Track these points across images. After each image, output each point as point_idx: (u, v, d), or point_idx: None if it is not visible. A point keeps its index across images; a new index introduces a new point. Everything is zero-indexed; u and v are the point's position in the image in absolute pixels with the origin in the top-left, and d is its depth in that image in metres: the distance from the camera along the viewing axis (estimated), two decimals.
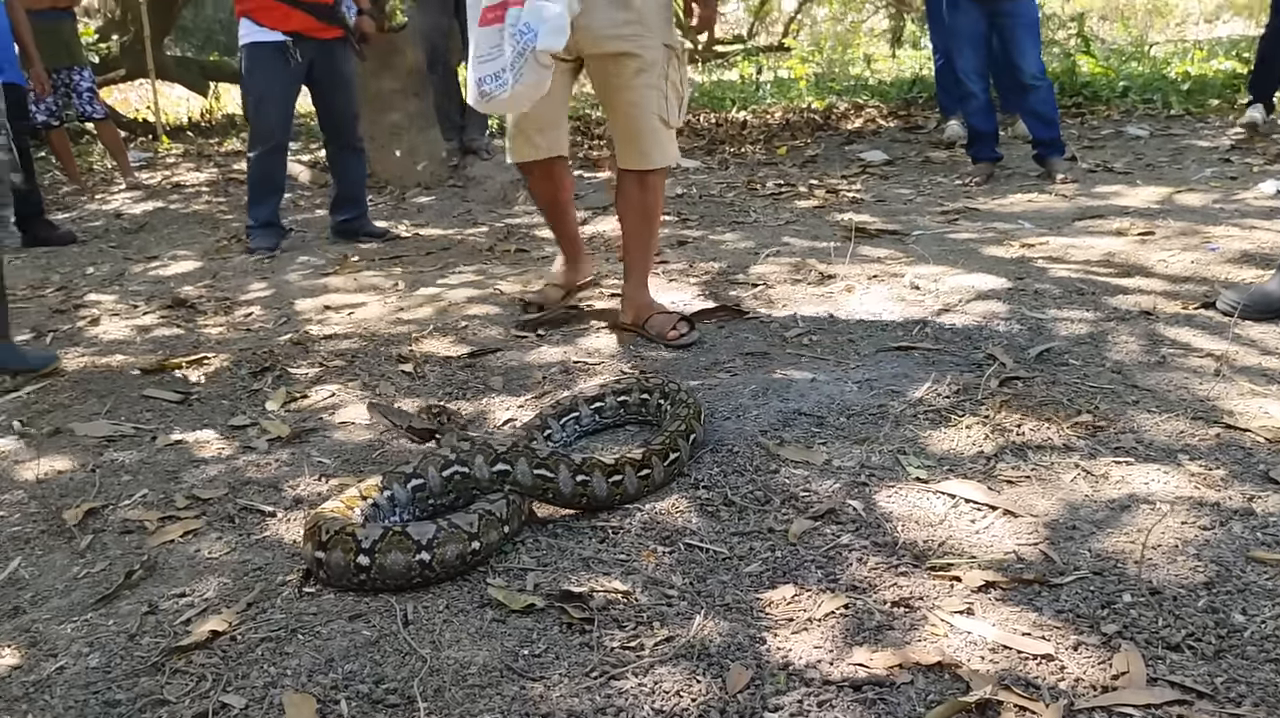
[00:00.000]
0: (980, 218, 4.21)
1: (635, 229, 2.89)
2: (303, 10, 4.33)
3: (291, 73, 4.40)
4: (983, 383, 2.28)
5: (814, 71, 12.55)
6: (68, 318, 3.61)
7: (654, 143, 2.75)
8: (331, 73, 4.50)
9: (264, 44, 4.36)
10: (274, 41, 4.34)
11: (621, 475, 1.88)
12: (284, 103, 4.52)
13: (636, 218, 2.87)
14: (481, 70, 2.44)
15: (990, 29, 5.01)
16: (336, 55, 4.50)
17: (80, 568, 1.83)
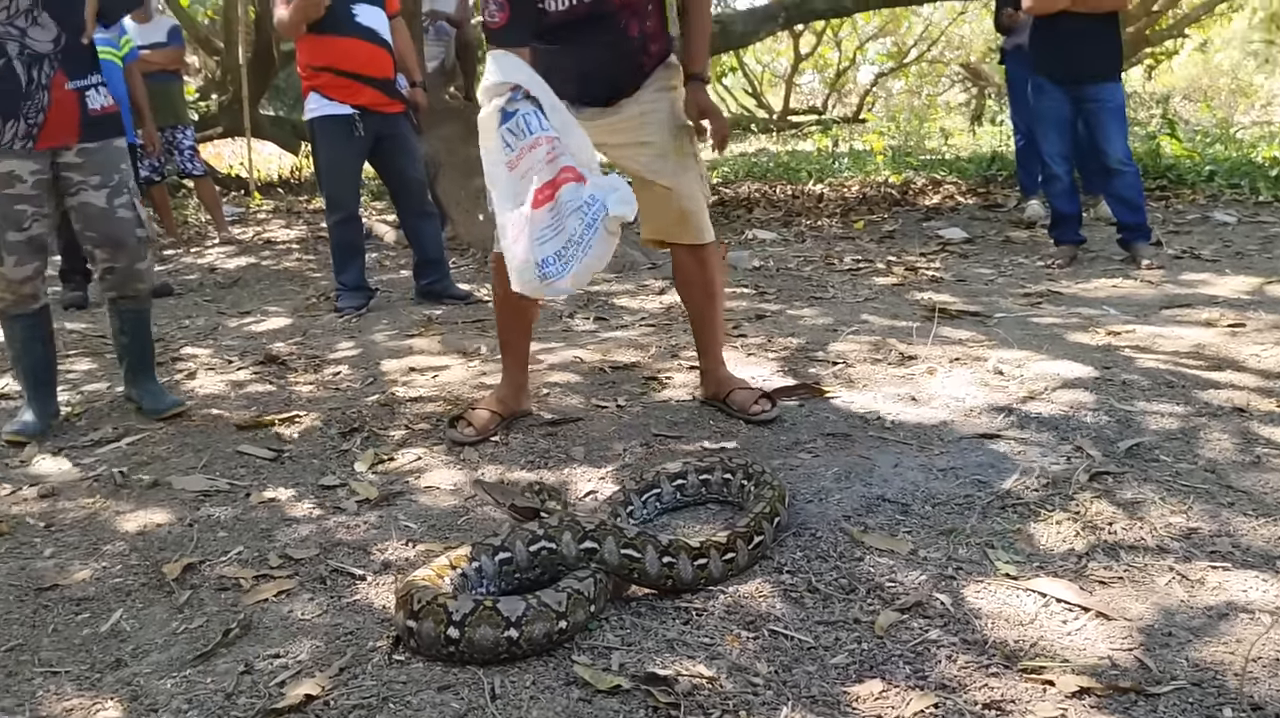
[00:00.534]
0: (1064, 302, 4.18)
1: (702, 306, 2.91)
2: (370, 86, 4.53)
3: (358, 144, 4.60)
4: (1073, 477, 2.25)
5: (890, 144, 12.61)
6: (166, 370, 3.74)
7: (703, 217, 2.79)
8: (396, 143, 4.70)
9: (332, 118, 4.55)
10: (342, 115, 4.53)
11: (706, 559, 1.89)
12: (353, 173, 4.73)
13: (701, 295, 2.89)
14: (541, 252, 2.21)
15: (1076, 113, 5.01)
16: (400, 127, 4.70)
17: (179, 623, 1.88)
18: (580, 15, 2.56)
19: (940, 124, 16.87)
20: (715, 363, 2.94)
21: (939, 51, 21.01)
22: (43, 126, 2.81)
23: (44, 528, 2.36)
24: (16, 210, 2.82)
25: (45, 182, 2.88)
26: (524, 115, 2.24)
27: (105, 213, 2.94)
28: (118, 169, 2.97)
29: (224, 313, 4.94)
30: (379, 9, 4.56)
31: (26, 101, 2.78)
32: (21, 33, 2.75)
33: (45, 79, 2.80)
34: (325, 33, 4.45)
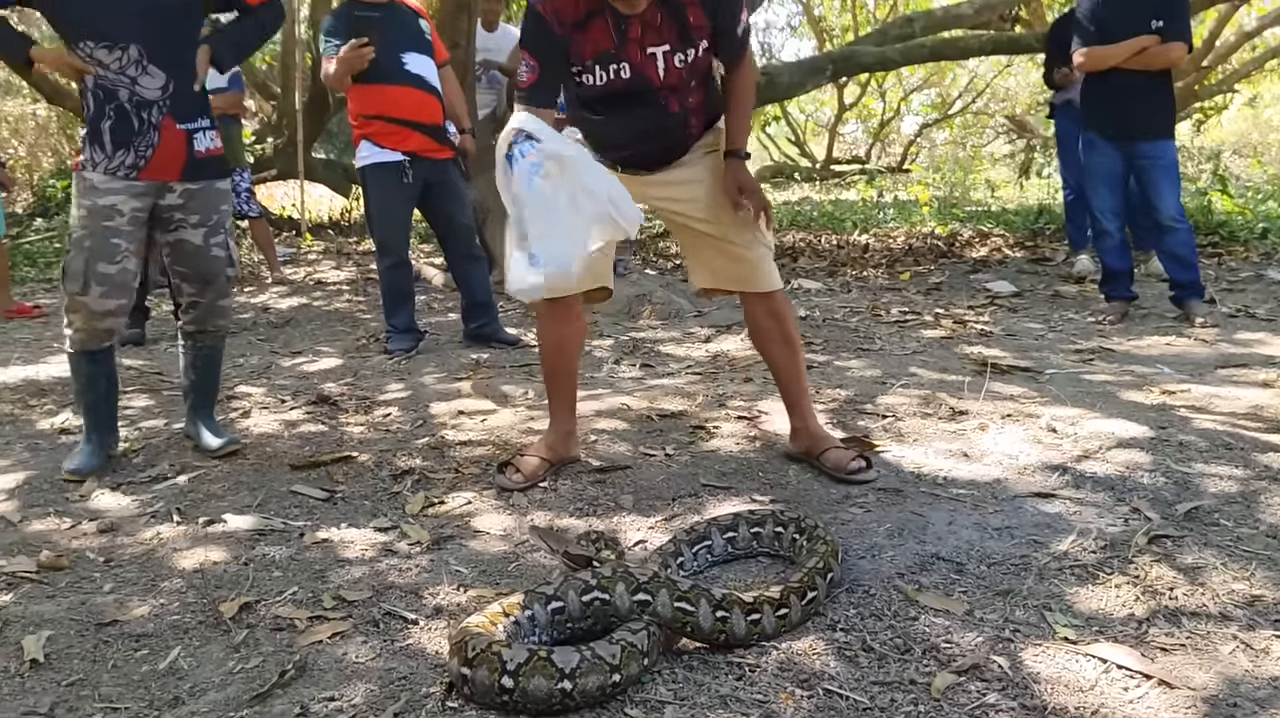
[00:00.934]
0: (1116, 359, 4.14)
1: (783, 360, 2.89)
2: (419, 132, 4.62)
3: (407, 190, 4.68)
4: (1132, 540, 2.22)
5: (935, 195, 12.61)
6: (222, 408, 3.80)
7: (765, 265, 2.79)
8: (445, 189, 4.78)
9: (383, 164, 4.64)
10: (392, 162, 4.62)
11: (760, 614, 1.88)
12: (403, 219, 4.81)
13: (781, 348, 2.88)
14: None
15: (1128, 169, 4.99)
16: (450, 173, 4.79)
17: (235, 663, 1.90)
18: (619, 90, 2.59)
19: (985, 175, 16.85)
20: (805, 418, 2.90)
21: (984, 103, 21.02)
22: (150, 160, 2.91)
23: (103, 563, 2.40)
24: (111, 244, 2.90)
25: (142, 219, 2.97)
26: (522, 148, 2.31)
27: (200, 250, 3.04)
28: (218, 209, 3.08)
29: (277, 352, 5.02)
30: (428, 57, 4.66)
31: (138, 138, 2.90)
32: (132, 80, 2.87)
33: (155, 120, 2.91)
34: (375, 82, 4.55)
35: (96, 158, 2.89)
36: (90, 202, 2.89)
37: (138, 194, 2.92)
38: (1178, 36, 4.72)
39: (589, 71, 2.56)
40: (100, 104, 2.88)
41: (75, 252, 2.90)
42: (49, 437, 3.52)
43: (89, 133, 2.90)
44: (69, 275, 2.90)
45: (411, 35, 4.62)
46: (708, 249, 2.81)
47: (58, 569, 2.35)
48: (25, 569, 2.34)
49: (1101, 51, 4.82)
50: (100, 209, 2.89)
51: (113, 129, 2.87)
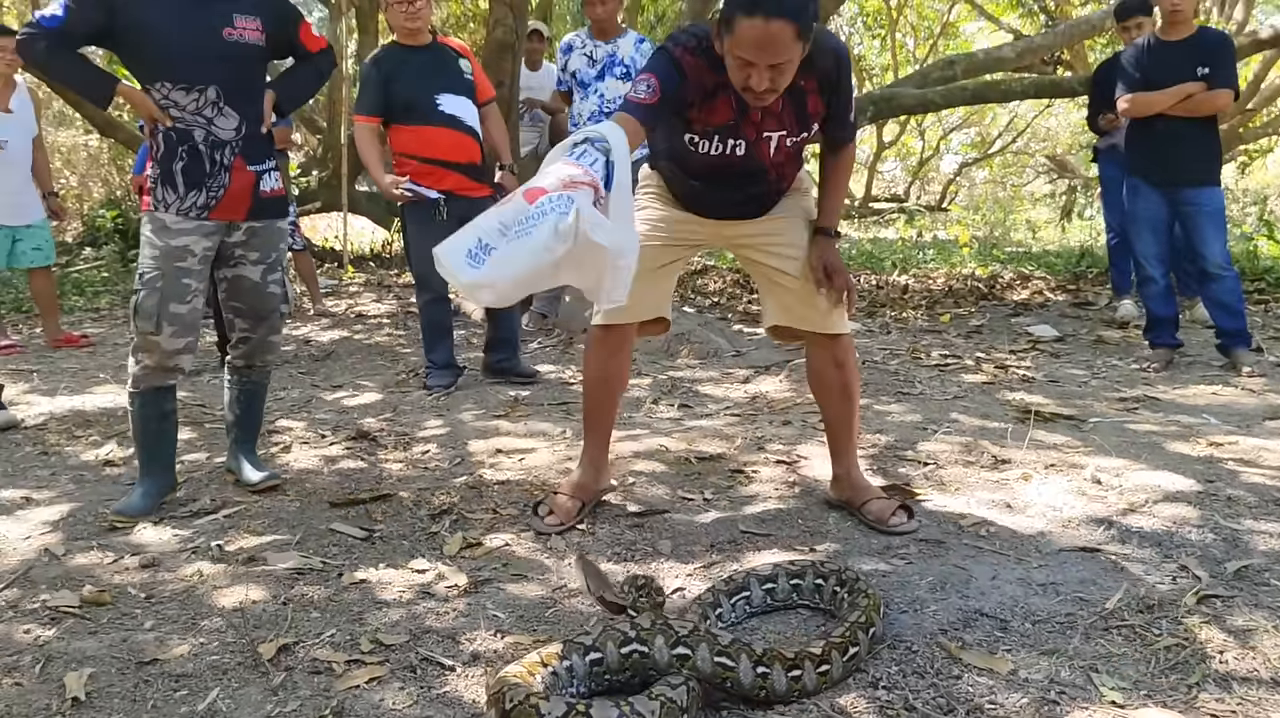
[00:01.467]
0: (1162, 408, 4.08)
1: (838, 409, 2.86)
2: (454, 171, 4.70)
3: (444, 227, 4.70)
4: (1181, 600, 2.18)
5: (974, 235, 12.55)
6: (263, 442, 3.83)
7: (840, 311, 2.75)
8: None
9: (420, 202, 4.71)
10: (429, 200, 4.70)
11: (801, 670, 1.86)
12: None
13: (839, 397, 2.85)
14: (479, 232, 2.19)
15: (1172, 215, 4.94)
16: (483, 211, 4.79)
17: (273, 706, 1.90)
18: (730, 163, 2.61)
19: (1026, 215, 16.76)
20: (850, 467, 2.88)
21: (1024, 143, 20.96)
22: (220, 200, 2.98)
23: (145, 599, 2.41)
24: (183, 284, 2.96)
25: (210, 258, 3.03)
26: (590, 154, 2.20)
27: (257, 287, 3.10)
28: (276, 248, 3.15)
29: (318, 385, 5.06)
30: (464, 98, 4.72)
31: (211, 179, 2.96)
32: (208, 121, 2.94)
33: (227, 162, 2.98)
34: (410, 123, 4.66)
35: (169, 198, 2.94)
36: (163, 243, 2.94)
37: (207, 234, 2.98)
38: (1224, 84, 4.69)
39: (705, 139, 2.57)
40: (174, 145, 2.93)
41: (147, 292, 2.94)
42: (94, 468, 3.57)
43: (161, 174, 2.95)
44: (141, 314, 2.95)
45: (449, 76, 4.70)
46: (779, 289, 2.81)
47: (100, 605, 2.37)
48: (68, 604, 2.37)
49: (1146, 98, 4.79)
50: (173, 250, 2.94)
51: (185, 170, 2.93)
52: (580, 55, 5.62)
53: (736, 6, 2.26)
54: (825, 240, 2.73)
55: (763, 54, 2.26)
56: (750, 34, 2.24)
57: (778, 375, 4.98)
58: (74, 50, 2.93)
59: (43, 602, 2.38)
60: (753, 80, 2.31)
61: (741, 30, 2.25)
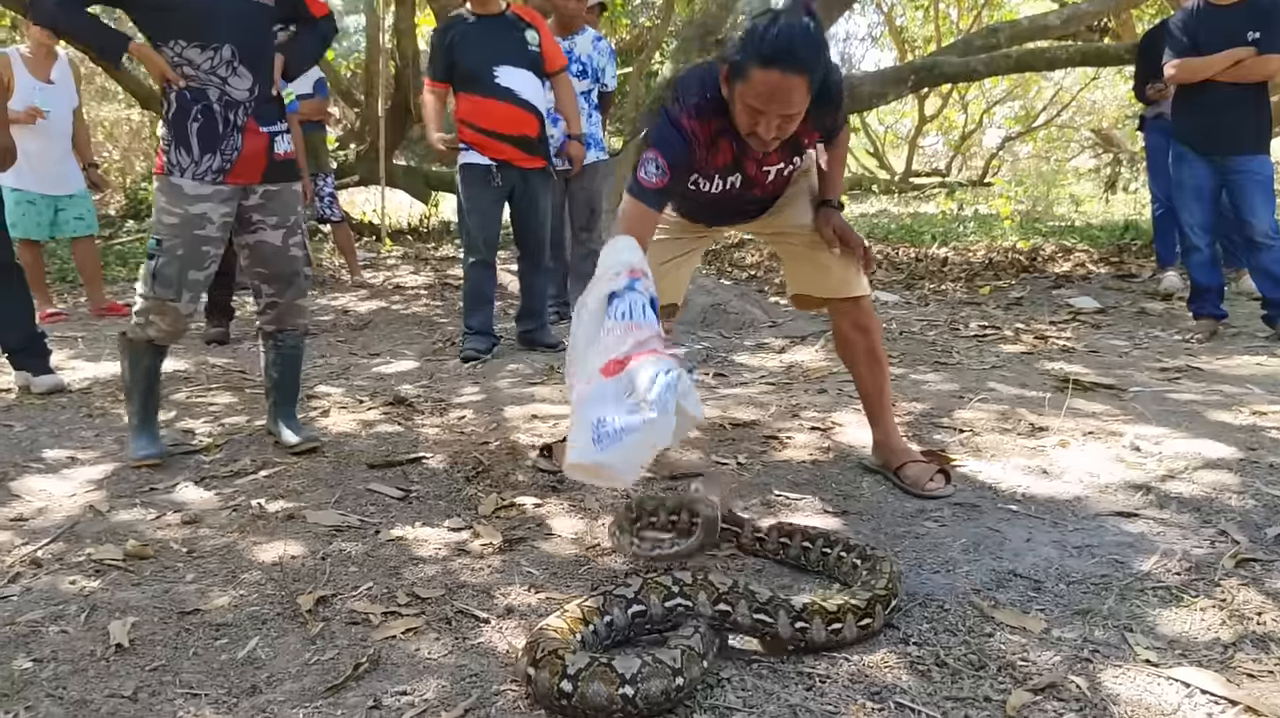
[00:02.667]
0: (1204, 378, 4.02)
1: (867, 372, 2.87)
2: (506, 143, 4.75)
3: (494, 194, 4.81)
4: (1218, 563, 2.15)
5: (1017, 209, 12.37)
6: (302, 407, 3.88)
7: (857, 273, 2.80)
8: (529, 198, 4.89)
9: (475, 166, 4.80)
10: (483, 165, 4.76)
11: (842, 624, 1.86)
12: (489, 220, 4.90)
13: (866, 360, 2.85)
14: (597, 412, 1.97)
15: (1219, 183, 4.85)
16: (535, 183, 4.88)
17: (311, 654, 1.94)
18: (729, 193, 2.65)
19: (1070, 190, 16.50)
20: (887, 432, 2.88)
21: (1069, 116, 20.60)
22: (235, 164, 3.00)
23: (186, 554, 2.46)
24: (202, 251, 3.00)
25: (229, 224, 3.06)
26: (633, 301, 2.12)
27: (279, 251, 3.13)
28: (294, 211, 3.18)
29: (356, 354, 5.11)
30: (524, 70, 4.74)
31: (225, 141, 2.98)
32: (223, 81, 2.96)
33: (240, 122, 3.00)
34: (469, 91, 4.75)
35: (183, 161, 2.96)
36: (181, 209, 2.97)
37: (224, 199, 3.01)
38: (1276, 49, 4.58)
39: (707, 179, 2.60)
40: (188, 105, 2.95)
41: (167, 259, 2.98)
42: None
43: (174, 136, 2.97)
44: (160, 282, 2.99)
45: (510, 48, 4.72)
46: (795, 258, 2.88)
47: (143, 558, 2.43)
48: (113, 558, 2.42)
49: (1195, 63, 4.69)
50: (192, 218, 2.97)
51: (200, 131, 2.95)
52: None
53: (753, 55, 2.24)
54: (829, 211, 2.77)
55: (774, 105, 2.27)
56: (765, 85, 2.24)
57: (813, 345, 4.96)
58: (84, 8, 2.96)
59: (88, 555, 2.44)
60: (760, 128, 2.33)
61: (755, 80, 2.25)
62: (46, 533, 2.60)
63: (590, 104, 5.60)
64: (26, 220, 5.89)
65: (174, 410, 3.88)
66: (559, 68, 4.93)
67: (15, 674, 1.89)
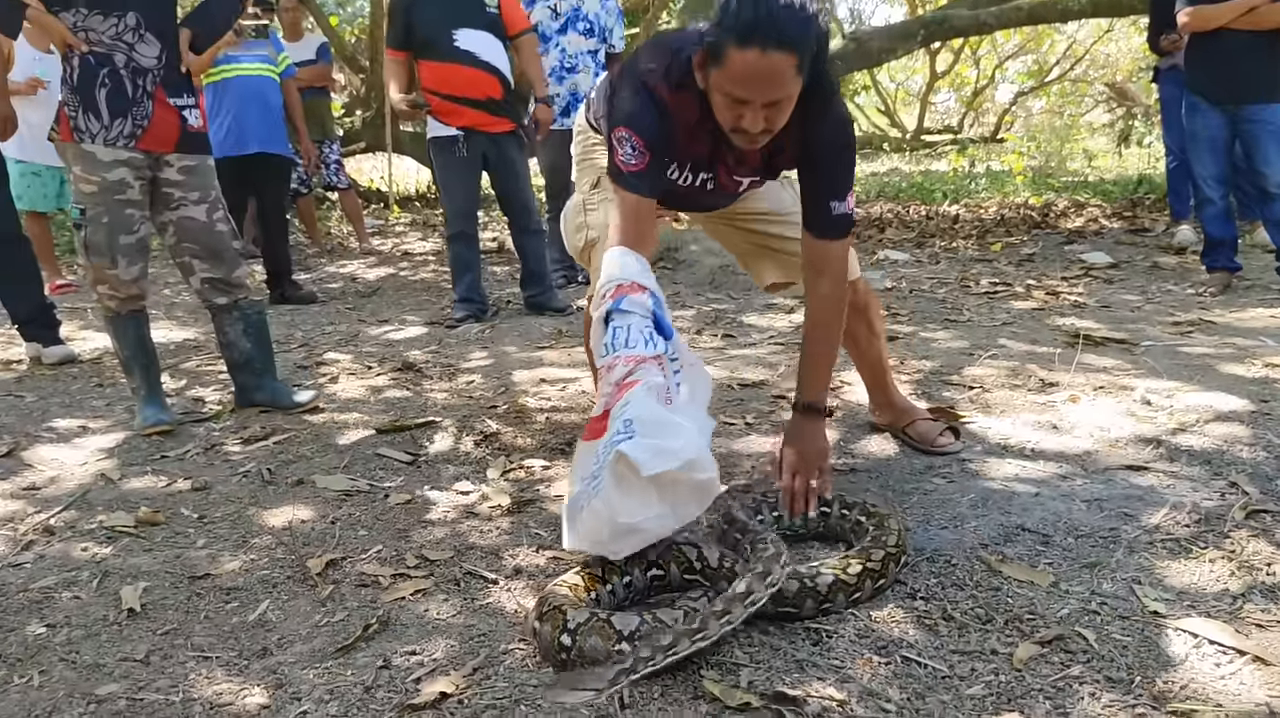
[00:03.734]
0: (1217, 331, 3.98)
1: (868, 347, 2.75)
2: (473, 108, 4.71)
3: (465, 163, 4.79)
4: (1228, 514, 2.14)
5: (1030, 165, 12.26)
6: (311, 374, 3.90)
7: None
8: (503, 163, 4.87)
9: (442, 138, 4.79)
10: (449, 135, 4.74)
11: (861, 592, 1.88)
12: (463, 191, 4.89)
13: (865, 336, 2.73)
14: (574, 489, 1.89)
15: (1233, 134, 4.78)
16: (506, 147, 4.85)
17: (321, 616, 1.95)
18: (698, 192, 2.36)
19: (1083, 145, 16.33)
20: (889, 394, 2.81)
21: (1083, 70, 20.33)
22: (146, 130, 3.01)
23: (197, 519, 2.48)
24: (127, 215, 3.02)
25: (147, 187, 3.07)
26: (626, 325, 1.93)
27: (206, 226, 3.13)
28: (213, 185, 3.18)
29: (364, 321, 5.12)
30: (484, 32, 4.70)
31: (135, 106, 2.99)
32: (129, 47, 2.96)
33: (149, 89, 3.01)
34: (428, 59, 4.71)
35: (92, 127, 2.96)
36: (99, 176, 2.97)
37: (138, 166, 3.02)
38: None
39: (679, 167, 2.27)
40: (93, 70, 2.94)
41: (94, 228, 3.00)
42: None
43: (82, 101, 2.95)
44: (93, 250, 3.02)
45: (468, 11, 4.69)
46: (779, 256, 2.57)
47: (154, 525, 2.44)
48: (124, 524, 2.44)
49: (1208, 11, 4.61)
50: (111, 184, 2.98)
51: (109, 97, 2.94)
52: (543, 7, 5.49)
53: (728, 35, 1.91)
54: (804, 420, 2.24)
55: (758, 90, 1.93)
56: (744, 68, 1.90)
57: None
58: None
59: (99, 522, 2.46)
60: (745, 121, 1.98)
61: (733, 63, 1.91)
62: (59, 501, 2.61)
63: (597, 64, 5.55)
64: (32, 192, 5.89)
65: (184, 379, 3.89)
66: (520, 30, 4.90)
67: (29, 639, 1.91)
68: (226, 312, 3.27)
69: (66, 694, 1.72)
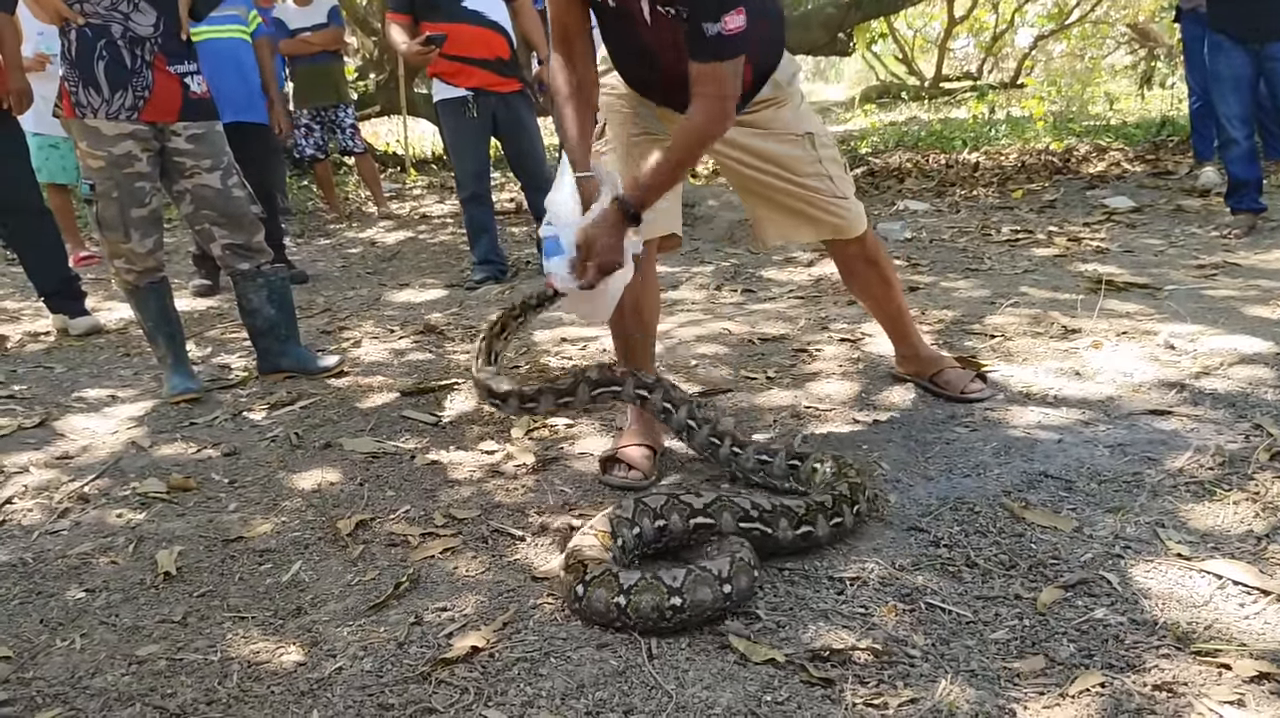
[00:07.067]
0: (1241, 274, 3.94)
1: (884, 299, 2.71)
2: (480, 68, 4.68)
3: (475, 125, 4.77)
4: (1252, 456, 2.14)
5: (1051, 110, 12.08)
6: (334, 339, 3.93)
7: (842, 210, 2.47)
8: (513, 122, 4.85)
9: (450, 100, 4.76)
10: (458, 97, 4.72)
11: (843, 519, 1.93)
12: (474, 153, 4.87)
13: (879, 288, 2.69)
14: None
15: (1257, 73, 4.70)
16: (516, 106, 4.83)
17: (353, 576, 1.99)
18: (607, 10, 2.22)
19: (1105, 88, 16.06)
20: (914, 344, 2.79)
21: (1104, 11, 19.94)
22: (148, 100, 3.00)
23: (228, 484, 2.52)
24: (137, 188, 3.03)
25: (156, 159, 3.08)
26: None
27: (222, 193, 3.14)
28: (224, 151, 3.17)
29: (384, 285, 5.14)
30: None
31: (134, 77, 2.98)
32: (125, 16, 2.95)
33: (149, 58, 2.99)
34: (435, 20, 4.65)
35: (94, 101, 2.96)
36: (105, 152, 2.98)
37: (144, 138, 3.02)
38: None
39: None
40: (90, 43, 2.93)
41: (104, 203, 3.02)
42: None
43: (81, 76, 2.95)
44: (106, 226, 3.04)
45: None
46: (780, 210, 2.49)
47: (186, 490, 2.48)
48: (156, 490, 2.48)
49: None
50: (118, 158, 2.99)
51: (107, 69, 2.93)
52: None
53: None
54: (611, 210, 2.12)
55: None
56: None
57: None
58: None
59: (133, 489, 2.50)
60: None
61: None
62: (92, 469, 2.66)
63: None
64: (51, 164, 5.91)
65: (209, 347, 3.93)
66: None
67: (70, 604, 1.96)
68: (249, 278, 3.29)
69: (108, 656, 1.76)
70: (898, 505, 2.10)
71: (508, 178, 8.38)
